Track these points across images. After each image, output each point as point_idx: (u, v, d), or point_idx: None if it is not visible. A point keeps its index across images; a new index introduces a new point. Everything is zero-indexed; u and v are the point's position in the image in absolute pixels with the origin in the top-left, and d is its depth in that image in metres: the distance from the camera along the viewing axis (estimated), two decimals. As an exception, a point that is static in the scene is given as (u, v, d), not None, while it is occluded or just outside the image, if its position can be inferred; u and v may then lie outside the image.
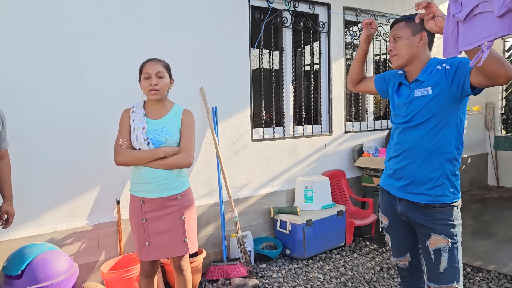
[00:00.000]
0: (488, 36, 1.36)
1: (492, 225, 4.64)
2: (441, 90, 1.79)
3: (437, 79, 1.81)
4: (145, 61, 2.43)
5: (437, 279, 1.85)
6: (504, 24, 1.30)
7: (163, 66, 2.40)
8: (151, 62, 2.39)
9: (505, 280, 3.24)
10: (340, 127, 4.70)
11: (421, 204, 1.87)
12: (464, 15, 1.47)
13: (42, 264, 2.43)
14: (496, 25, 1.33)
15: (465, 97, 1.81)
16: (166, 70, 2.42)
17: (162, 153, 2.31)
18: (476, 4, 1.42)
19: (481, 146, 6.71)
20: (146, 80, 2.35)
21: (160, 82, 2.35)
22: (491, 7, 1.34)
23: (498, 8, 1.30)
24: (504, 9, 1.28)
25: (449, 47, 1.55)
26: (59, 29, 2.88)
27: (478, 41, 1.40)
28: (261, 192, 4.02)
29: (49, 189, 2.90)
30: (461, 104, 1.82)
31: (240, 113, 3.85)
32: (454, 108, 1.81)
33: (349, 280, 3.35)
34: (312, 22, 4.41)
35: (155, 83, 2.33)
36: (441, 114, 1.82)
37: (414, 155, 1.88)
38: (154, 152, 2.31)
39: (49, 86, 2.87)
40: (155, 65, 2.37)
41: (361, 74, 2.27)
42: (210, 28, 3.60)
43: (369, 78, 2.27)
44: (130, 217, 2.43)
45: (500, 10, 1.29)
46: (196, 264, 3.17)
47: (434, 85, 1.81)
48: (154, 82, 2.33)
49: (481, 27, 1.39)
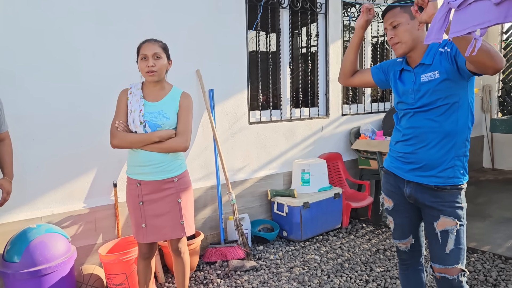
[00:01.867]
0: (481, 23, 1.33)
1: (487, 207, 4.68)
2: (448, 72, 1.75)
3: (443, 62, 1.77)
4: (142, 42, 2.38)
5: (443, 260, 1.86)
6: (500, 12, 1.27)
7: (161, 47, 2.36)
8: (148, 43, 2.35)
9: (499, 260, 3.28)
10: (337, 110, 4.68)
11: (431, 186, 1.85)
12: (459, 2, 1.44)
13: (39, 247, 2.43)
14: (491, 13, 1.30)
15: (472, 77, 1.77)
16: (164, 51, 2.38)
17: (157, 137, 2.28)
18: None
19: (477, 129, 6.73)
20: (143, 61, 2.31)
21: (157, 64, 2.31)
22: None
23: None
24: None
25: (433, 33, 1.51)
26: (53, 9, 2.82)
27: (469, 28, 1.37)
28: (258, 175, 4.02)
29: (45, 172, 2.88)
30: (469, 84, 1.80)
31: (237, 96, 3.82)
32: (463, 88, 1.79)
33: (346, 262, 3.38)
34: (310, 3, 4.34)
35: (152, 65, 2.29)
36: (452, 96, 1.78)
37: (428, 139, 1.85)
38: (149, 136, 2.29)
39: (45, 67, 2.82)
40: (152, 46, 2.33)
41: (355, 64, 2.18)
42: (207, 10, 3.54)
43: (364, 71, 2.19)
44: (127, 199, 2.42)
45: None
46: (194, 247, 3.18)
47: (440, 68, 1.77)
48: (151, 63, 2.29)
49: (475, 14, 1.36)
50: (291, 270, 3.24)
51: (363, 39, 2.09)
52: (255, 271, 3.25)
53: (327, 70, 4.54)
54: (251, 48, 4.00)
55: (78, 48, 2.95)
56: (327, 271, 3.22)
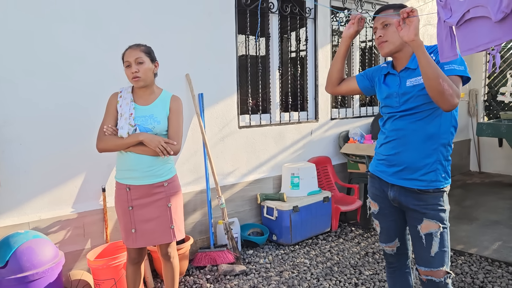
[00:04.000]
0: (492, 41, 1.37)
1: (474, 210, 4.74)
2: None
3: None
4: (126, 49, 2.37)
5: (428, 263, 1.88)
6: (508, 29, 1.31)
7: (142, 51, 2.34)
8: (130, 49, 2.34)
9: (486, 263, 3.33)
10: (326, 114, 4.72)
11: (414, 189, 1.88)
12: (455, 20, 1.47)
13: (27, 253, 2.40)
14: (497, 30, 1.34)
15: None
16: (146, 54, 2.35)
17: (141, 136, 2.26)
18: (467, 9, 1.42)
19: (464, 132, 6.82)
20: (128, 68, 2.32)
21: (140, 68, 2.30)
22: (485, 12, 1.35)
23: (494, 14, 1.31)
24: (501, 15, 1.29)
25: (445, 51, 1.57)
26: (41, 12, 2.80)
27: (481, 46, 1.41)
28: (248, 179, 4.02)
29: (33, 177, 2.85)
30: None
31: (226, 100, 3.82)
32: None
33: (335, 265, 3.39)
34: (299, 7, 4.38)
35: (135, 70, 2.29)
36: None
37: (410, 142, 1.88)
38: (133, 136, 2.27)
39: (33, 71, 2.80)
40: (134, 51, 2.32)
41: (342, 73, 2.19)
42: (196, 14, 3.55)
43: (350, 79, 2.21)
44: (116, 204, 2.41)
45: (497, 16, 1.30)
46: (183, 251, 3.17)
47: None
48: (134, 69, 2.29)
49: (481, 32, 1.40)
50: (280, 274, 3.25)
51: (350, 47, 2.11)
52: (245, 275, 3.25)
53: (316, 74, 4.57)
54: (241, 52, 4.01)
55: (67, 51, 2.93)
56: (317, 274, 3.23)
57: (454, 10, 1.49)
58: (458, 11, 1.47)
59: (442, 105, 1.67)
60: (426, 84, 1.66)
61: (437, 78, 1.61)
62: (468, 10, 1.42)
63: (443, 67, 1.74)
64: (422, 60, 1.63)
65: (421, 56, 1.64)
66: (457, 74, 1.73)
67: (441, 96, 1.64)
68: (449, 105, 1.66)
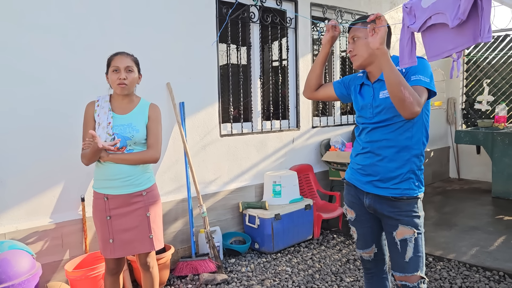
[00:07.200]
0: (455, 47, 1.44)
1: (453, 216, 4.83)
2: None
3: None
4: (114, 54, 2.37)
5: (403, 268, 1.91)
6: (469, 35, 1.37)
7: (133, 61, 2.36)
8: (121, 55, 2.34)
9: (464, 268, 3.38)
10: (307, 122, 4.76)
11: (389, 197, 1.92)
12: (418, 26, 1.54)
13: (2, 265, 2.36)
14: (460, 37, 1.41)
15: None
16: (135, 64, 2.38)
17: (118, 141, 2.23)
18: (428, 16, 1.48)
19: (443, 140, 6.95)
20: (115, 73, 2.30)
21: (129, 77, 2.31)
22: (444, 19, 1.41)
23: (451, 21, 1.37)
24: (457, 21, 1.35)
25: (405, 57, 1.63)
26: (19, 21, 2.78)
27: (445, 52, 1.47)
28: (230, 187, 4.02)
29: (9, 187, 2.80)
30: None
31: (208, 109, 3.83)
32: None
33: (317, 272, 3.41)
34: (280, 17, 4.43)
35: (124, 77, 2.28)
36: None
37: (384, 153, 1.92)
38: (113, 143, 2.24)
39: (9, 80, 2.77)
40: (125, 59, 2.33)
41: (321, 78, 2.23)
42: (176, 23, 3.56)
43: (328, 85, 2.25)
44: (94, 214, 2.38)
45: (454, 22, 1.36)
46: (164, 261, 3.15)
47: None
48: (123, 76, 2.28)
49: (445, 39, 1.47)
50: (262, 282, 3.25)
51: (329, 53, 2.17)
52: (226, 284, 3.24)
53: (297, 83, 4.62)
54: (223, 61, 4.03)
55: (45, 62, 2.90)
56: (298, 282, 3.24)
57: (417, 16, 1.55)
58: (421, 17, 1.53)
59: (403, 113, 1.71)
60: (388, 90, 1.71)
61: (399, 85, 1.66)
62: (430, 16, 1.47)
63: (410, 77, 1.79)
64: (386, 67, 1.69)
65: (385, 64, 1.69)
66: (421, 85, 1.77)
67: (402, 103, 1.68)
68: (410, 113, 1.70)
